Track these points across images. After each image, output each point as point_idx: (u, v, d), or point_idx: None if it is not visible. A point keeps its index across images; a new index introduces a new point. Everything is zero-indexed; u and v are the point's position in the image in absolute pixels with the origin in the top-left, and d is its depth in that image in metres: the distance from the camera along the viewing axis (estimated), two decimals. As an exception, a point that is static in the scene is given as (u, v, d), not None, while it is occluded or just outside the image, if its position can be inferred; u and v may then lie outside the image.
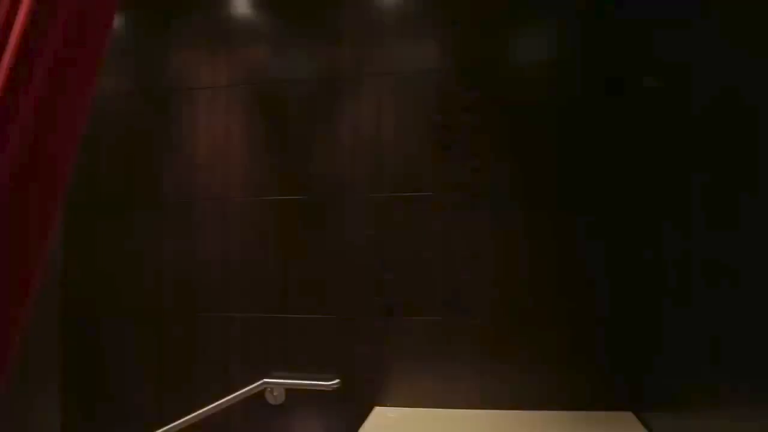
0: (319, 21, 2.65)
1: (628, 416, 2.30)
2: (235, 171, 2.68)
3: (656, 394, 2.13)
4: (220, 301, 2.65)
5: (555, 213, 2.41)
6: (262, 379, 2.50)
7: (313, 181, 2.62)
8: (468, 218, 2.47)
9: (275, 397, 2.53)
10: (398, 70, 2.58)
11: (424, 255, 2.51)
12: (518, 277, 2.42)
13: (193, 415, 2.46)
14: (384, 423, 2.33)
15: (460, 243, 2.48)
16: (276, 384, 2.50)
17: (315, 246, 2.60)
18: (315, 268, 2.60)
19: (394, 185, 2.55)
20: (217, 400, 2.48)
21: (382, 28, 2.60)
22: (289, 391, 2.52)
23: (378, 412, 2.45)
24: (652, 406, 2.17)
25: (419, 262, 2.52)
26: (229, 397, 2.48)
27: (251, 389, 2.49)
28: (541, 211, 2.42)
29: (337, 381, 2.46)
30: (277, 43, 2.68)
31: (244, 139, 2.68)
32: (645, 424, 2.20)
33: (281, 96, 2.66)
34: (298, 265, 2.61)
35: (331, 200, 2.60)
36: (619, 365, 2.35)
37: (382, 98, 2.60)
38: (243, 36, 2.71)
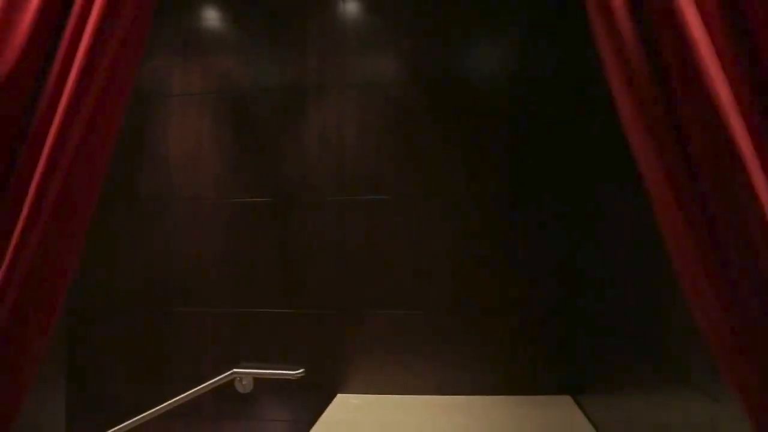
0: (286, 33, 2.83)
1: (567, 399, 2.54)
2: (206, 174, 2.86)
3: (589, 380, 2.37)
4: (192, 297, 2.83)
5: (504, 213, 2.63)
6: (232, 369, 2.69)
7: (280, 184, 2.81)
8: (423, 218, 2.68)
9: (244, 386, 2.72)
10: (360, 80, 2.77)
11: (384, 253, 2.72)
12: (469, 273, 2.64)
13: (166, 403, 2.63)
14: (345, 408, 2.54)
15: (417, 242, 2.69)
16: (245, 373, 2.69)
17: (281, 245, 2.79)
18: (281, 266, 2.79)
19: (356, 188, 2.75)
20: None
21: (345, 41, 2.78)
22: (258, 380, 2.72)
23: (340, 398, 2.67)
24: (586, 390, 2.41)
25: (379, 260, 2.73)
26: (200, 387, 2.66)
27: (221, 378, 2.68)
28: (491, 212, 2.64)
29: (302, 370, 2.66)
30: (247, 54, 2.85)
31: (215, 144, 2.86)
32: (580, 406, 2.44)
33: (250, 104, 2.84)
34: (266, 263, 2.80)
35: (296, 202, 2.79)
36: (559, 354, 2.59)
37: (345, 107, 2.79)
38: (214, 46, 2.88)
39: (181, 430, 2.83)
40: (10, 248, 0.78)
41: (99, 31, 0.77)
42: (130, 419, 2.52)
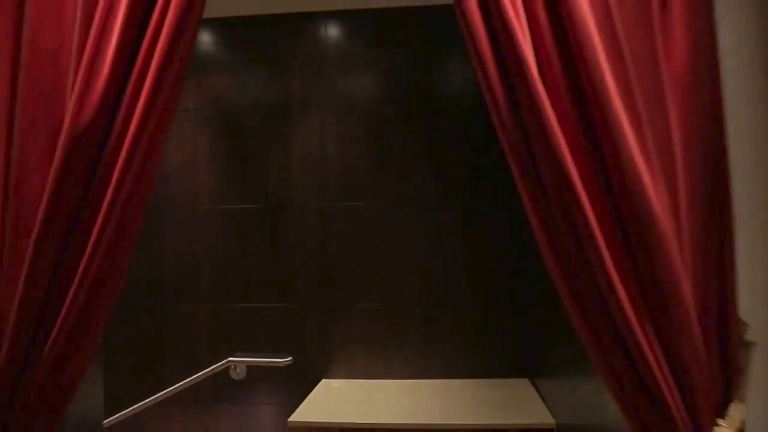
0: (274, 56, 3.16)
1: (524, 382, 2.90)
2: (200, 183, 3.18)
3: (543, 365, 2.73)
4: (188, 294, 3.15)
5: (466, 218, 2.99)
6: (227, 357, 3.03)
7: (268, 192, 3.15)
8: (396, 222, 3.03)
9: (238, 373, 3.06)
10: (339, 98, 3.12)
11: (363, 253, 3.07)
12: (436, 270, 3.00)
13: (168, 390, 2.95)
14: (328, 391, 2.88)
15: (390, 243, 3.04)
16: (238, 362, 3.02)
17: (269, 247, 3.13)
18: (270, 265, 3.13)
19: (336, 195, 3.10)
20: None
21: (326, 63, 3.13)
22: (250, 368, 3.05)
23: (324, 383, 3.01)
24: (541, 373, 2.77)
25: (359, 258, 3.08)
26: (198, 374, 2.99)
27: (217, 367, 3.01)
28: (453, 217, 3.00)
29: (290, 358, 3.00)
30: (238, 74, 3.18)
31: (209, 156, 3.19)
32: (535, 387, 2.81)
33: (241, 119, 3.17)
34: (256, 263, 3.14)
35: (282, 208, 3.14)
36: (518, 342, 2.96)
37: (326, 122, 3.14)
38: (208, 67, 3.21)
39: (181, 416, 3.14)
40: (84, 258, 1.12)
41: (155, 89, 1.09)
42: (134, 405, 2.84)
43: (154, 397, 2.89)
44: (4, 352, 1.13)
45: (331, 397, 2.79)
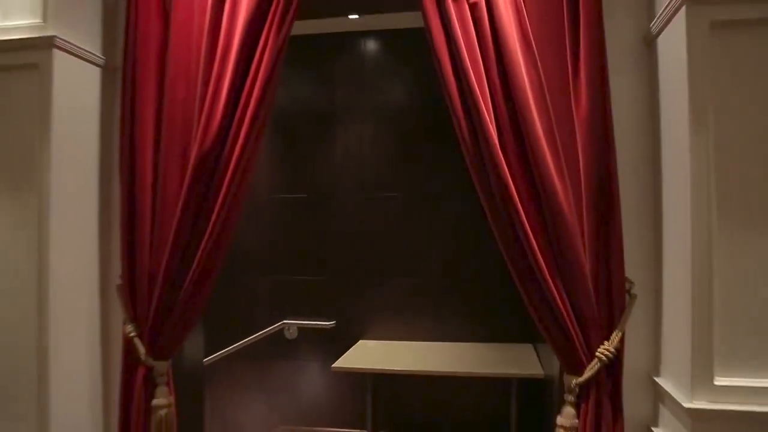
0: (322, 68, 3.81)
1: (528, 347, 3.48)
2: (260, 176, 3.87)
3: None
4: (251, 268, 3.86)
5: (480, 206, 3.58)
6: (282, 321, 3.74)
7: (314, 184, 3.82)
8: (423, 210, 3.65)
9: (290, 334, 3.77)
10: (375, 104, 3.74)
11: (392, 236, 3.71)
12: (456, 250, 3.60)
13: (235, 345, 3.68)
14: (364, 349, 3.55)
15: (416, 227, 3.66)
16: (291, 324, 3.73)
17: (315, 230, 3.81)
18: (316, 246, 3.81)
19: (371, 187, 3.74)
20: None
21: (363, 75, 3.75)
22: (300, 329, 3.76)
23: (360, 343, 3.67)
24: (542, 339, 3.33)
25: (389, 241, 3.72)
26: (259, 333, 3.71)
27: (274, 328, 3.73)
28: (471, 204, 3.58)
29: (333, 322, 3.69)
30: (291, 85, 3.84)
31: (267, 154, 3.87)
32: (536, 351, 3.38)
33: (292, 123, 3.83)
34: (304, 243, 3.82)
35: (326, 198, 3.80)
36: (525, 313, 3.54)
37: (364, 126, 3.77)
38: (266, 80, 3.88)
39: (243, 368, 3.87)
40: (206, 236, 1.79)
41: (251, 124, 1.76)
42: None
43: (220, 352, 3.61)
44: (157, 293, 1.83)
45: (365, 352, 3.45)
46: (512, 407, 3.16)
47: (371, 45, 3.76)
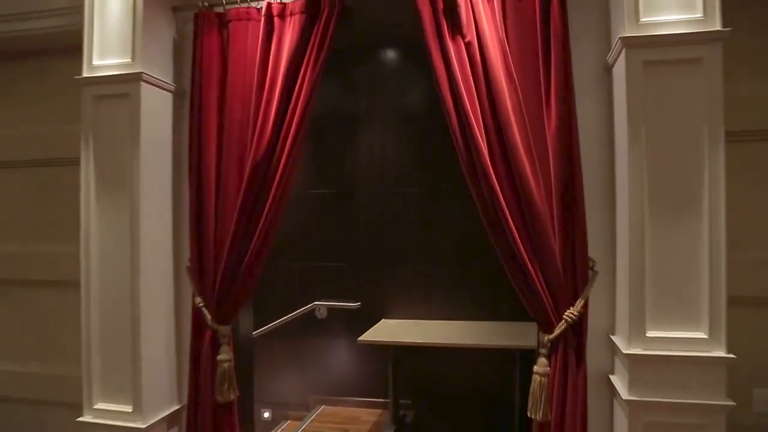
0: (346, 78, 4.31)
1: (531, 324, 3.90)
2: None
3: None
4: (284, 256, 4.40)
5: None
6: (313, 302, 4.28)
7: (342, 181, 4.33)
8: (436, 202, 4.13)
9: (321, 314, 4.30)
10: (395, 109, 4.23)
11: (410, 226, 4.20)
12: (467, 238, 4.08)
13: (276, 322, 4.21)
14: (385, 326, 4.06)
15: (432, 218, 4.15)
16: (321, 305, 4.27)
17: (342, 221, 4.33)
18: (344, 235, 4.33)
19: (392, 183, 4.24)
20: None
21: (384, 83, 4.24)
22: (330, 309, 4.29)
23: (383, 321, 4.19)
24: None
25: (408, 231, 4.21)
26: (293, 313, 4.25)
27: (307, 308, 4.27)
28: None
29: (358, 303, 4.21)
30: (320, 92, 4.34)
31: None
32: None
33: (322, 126, 4.34)
34: (333, 233, 4.35)
35: (352, 192, 4.31)
36: (528, 293, 4.00)
37: (385, 128, 4.27)
38: (297, 88, 4.41)
39: (280, 344, 4.42)
40: (260, 225, 2.32)
41: (295, 136, 2.29)
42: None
43: (259, 330, 4.14)
44: (220, 273, 2.37)
45: (387, 328, 3.97)
46: (516, 376, 3.64)
47: (391, 56, 4.25)
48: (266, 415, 4.46)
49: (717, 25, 1.82)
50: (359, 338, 3.67)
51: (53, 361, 2.93)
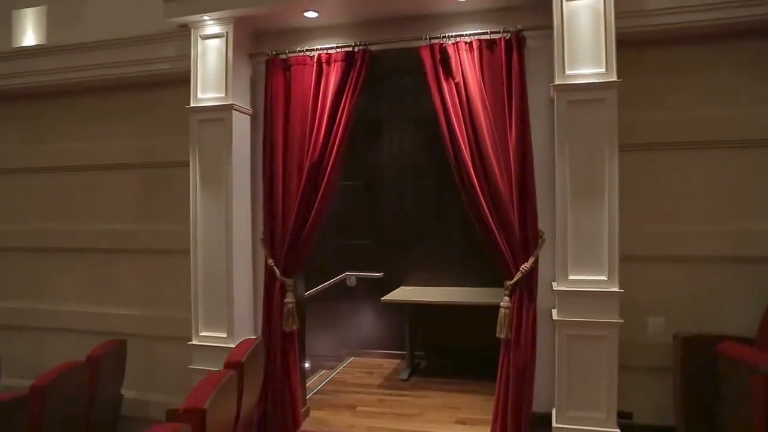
0: (373, 90, 5.39)
1: (521, 289, 5.03)
2: (328, 169, 5.53)
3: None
4: (324, 235, 5.53)
5: (488, 190, 5.13)
6: (345, 272, 5.42)
7: (366, 174, 5.45)
8: (448, 194, 5.22)
9: (351, 282, 5.45)
10: (413, 115, 5.31)
11: (426, 211, 5.31)
12: (468, 223, 5.16)
13: (319, 287, 5.34)
14: (404, 290, 5.18)
15: (444, 206, 5.24)
16: (351, 275, 5.41)
17: (367, 208, 5.45)
18: (369, 219, 5.46)
19: (409, 176, 5.34)
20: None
21: (403, 95, 5.32)
22: (358, 279, 5.43)
23: (402, 287, 5.32)
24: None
25: (423, 215, 5.32)
26: (329, 282, 5.39)
27: (339, 278, 5.41)
28: (482, 189, 5.14)
29: (381, 273, 5.35)
30: (349, 102, 5.45)
31: (333, 153, 5.52)
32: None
33: (353, 129, 5.43)
34: (360, 217, 5.48)
35: (375, 184, 5.43)
36: (519, 265, 5.08)
37: (404, 131, 5.37)
38: (331, 98, 5.51)
39: (317, 307, 5.56)
40: (312, 213, 3.42)
41: (339, 145, 3.36)
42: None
43: (316, 287, 5.28)
44: (286, 242, 3.51)
45: (405, 292, 5.11)
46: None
47: (408, 75, 5.32)
48: (306, 365, 5.63)
49: (614, 77, 2.87)
50: (382, 298, 4.81)
51: (161, 307, 4.13)
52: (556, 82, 2.96)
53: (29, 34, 4.18)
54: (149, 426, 1.88)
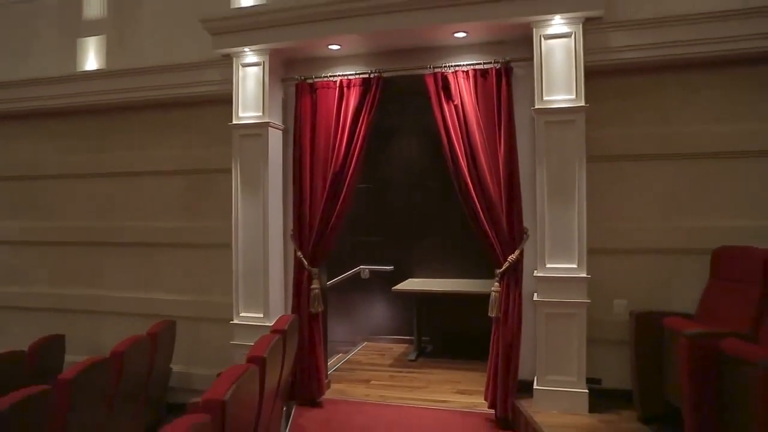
0: (384, 106, 6.13)
1: (516, 280, 5.75)
2: (344, 173, 6.27)
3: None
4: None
5: (487, 192, 5.85)
6: (359, 266, 6.14)
7: (378, 177, 6.18)
8: (451, 194, 5.92)
9: (364, 275, 6.17)
10: (419, 126, 6.03)
11: (431, 211, 6.03)
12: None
13: (337, 278, 6.07)
14: (411, 282, 5.91)
15: (447, 205, 5.95)
16: (365, 268, 6.14)
17: (378, 207, 6.18)
18: (380, 217, 6.19)
19: (416, 178, 6.07)
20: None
21: (410, 109, 6.04)
22: (371, 272, 6.16)
23: (410, 279, 6.04)
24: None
25: (429, 214, 6.04)
26: (345, 274, 6.11)
27: (354, 271, 6.14)
28: (481, 192, 5.87)
29: (391, 267, 6.07)
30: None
31: (348, 159, 6.26)
32: (520, 282, 5.64)
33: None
34: (372, 215, 6.21)
35: (386, 186, 6.16)
36: (514, 259, 5.79)
37: (411, 139, 6.10)
38: (346, 110, 6.25)
39: (334, 297, 6.29)
40: (335, 211, 4.16)
41: (359, 155, 4.10)
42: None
43: (335, 279, 6.05)
44: (313, 238, 4.24)
45: (413, 283, 5.84)
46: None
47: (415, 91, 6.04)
48: (324, 349, 6.36)
49: (582, 103, 3.58)
50: (393, 288, 5.54)
51: (203, 293, 4.87)
52: (536, 107, 3.67)
53: (91, 59, 4.95)
54: (193, 395, 2.30)
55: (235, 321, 4.30)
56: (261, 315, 4.26)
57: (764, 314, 3.02)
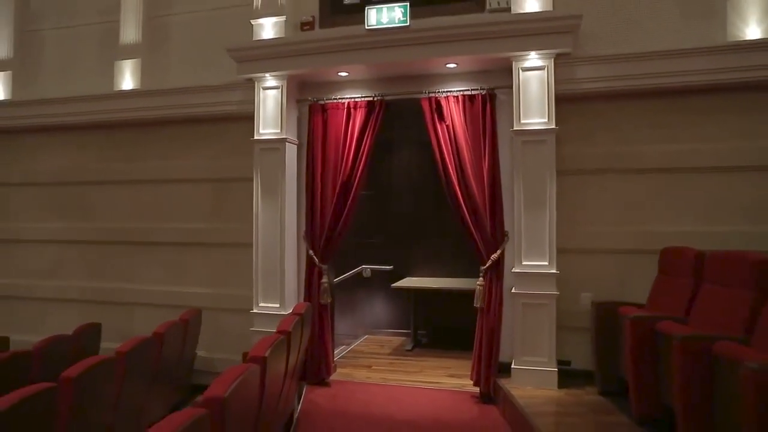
0: (389, 122, 6.86)
1: (503, 279, 6.46)
2: (348, 181, 6.99)
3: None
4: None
5: (478, 200, 6.57)
6: (361, 265, 6.85)
7: (379, 184, 6.89)
8: (442, 200, 6.63)
9: (366, 273, 6.87)
10: (416, 139, 6.74)
11: (427, 214, 6.74)
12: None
13: (342, 276, 6.77)
14: (409, 281, 6.61)
15: (441, 209, 6.66)
16: (367, 267, 6.84)
17: (379, 212, 6.89)
18: (380, 221, 6.89)
19: (414, 184, 6.79)
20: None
21: (408, 125, 6.75)
22: (372, 271, 6.86)
23: (408, 278, 6.75)
24: (508, 273, 6.31)
25: (426, 218, 6.75)
26: (348, 273, 6.81)
27: (357, 270, 6.84)
28: (472, 199, 6.58)
29: (391, 266, 6.78)
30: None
31: (352, 168, 6.98)
32: (507, 281, 6.35)
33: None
34: (373, 219, 6.91)
35: (387, 192, 6.88)
36: (501, 260, 6.50)
37: (411, 150, 6.82)
38: (351, 123, 6.97)
39: (338, 294, 6.99)
40: (344, 215, 4.90)
41: (364, 167, 4.82)
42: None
43: (341, 276, 6.75)
44: (323, 237, 4.96)
45: (410, 282, 6.54)
46: (490, 310, 6.15)
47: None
48: (329, 341, 7.06)
49: (553, 125, 4.31)
50: (392, 285, 6.25)
51: (225, 286, 5.58)
52: (514, 128, 4.40)
53: (128, 80, 5.68)
54: (214, 377, 2.43)
55: (255, 310, 5.01)
56: (278, 305, 4.96)
57: (695, 299, 3.72)
